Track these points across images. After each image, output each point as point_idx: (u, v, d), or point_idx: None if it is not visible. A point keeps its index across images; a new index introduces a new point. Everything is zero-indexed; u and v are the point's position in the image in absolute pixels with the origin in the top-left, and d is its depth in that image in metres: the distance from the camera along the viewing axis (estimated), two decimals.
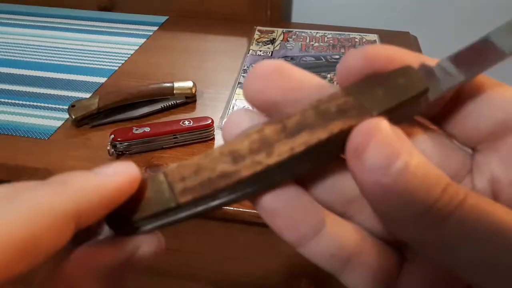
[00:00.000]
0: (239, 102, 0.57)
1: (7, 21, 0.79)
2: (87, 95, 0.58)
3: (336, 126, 0.14)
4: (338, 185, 0.16)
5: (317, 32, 0.78)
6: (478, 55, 0.14)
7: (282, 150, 0.14)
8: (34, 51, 0.69)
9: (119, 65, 0.66)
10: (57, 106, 0.56)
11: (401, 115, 0.14)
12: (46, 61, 0.67)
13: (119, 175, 0.14)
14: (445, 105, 0.15)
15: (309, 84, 0.15)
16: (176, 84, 0.55)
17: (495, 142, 0.14)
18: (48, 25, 0.79)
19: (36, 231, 0.12)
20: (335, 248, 0.15)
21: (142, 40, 0.74)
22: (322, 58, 0.69)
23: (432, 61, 0.15)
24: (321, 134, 0.14)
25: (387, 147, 0.12)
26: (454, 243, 0.12)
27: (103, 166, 0.15)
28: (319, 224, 0.15)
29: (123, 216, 0.15)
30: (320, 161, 0.15)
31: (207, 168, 0.14)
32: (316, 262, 0.15)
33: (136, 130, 0.47)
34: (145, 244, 0.16)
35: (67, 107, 0.52)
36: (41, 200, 0.12)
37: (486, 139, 0.15)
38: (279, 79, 0.15)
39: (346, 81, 0.14)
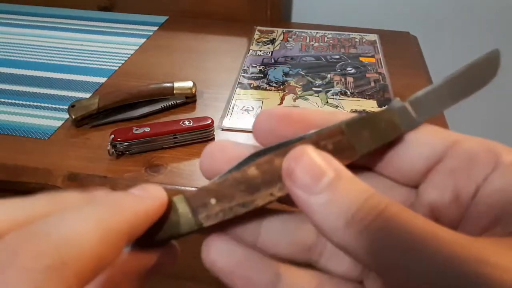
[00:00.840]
0: (239, 102, 0.57)
1: (7, 21, 0.79)
2: (87, 95, 0.58)
3: None
4: (297, 237, 0.18)
5: (317, 32, 0.78)
6: (436, 99, 0.17)
7: None
8: (34, 51, 0.69)
9: (119, 65, 0.66)
10: (57, 106, 0.56)
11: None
12: (46, 61, 0.67)
13: (155, 200, 0.16)
14: (375, 152, 0.17)
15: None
16: (176, 84, 0.55)
17: (429, 173, 0.17)
18: (48, 25, 0.79)
19: (105, 249, 0.13)
20: None
21: (142, 40, 0.74)
22: (322, 58, 0.69)
23: (345, 115, 0.17)
24: None
25: (312, 168, 0.14)
26: (376, 248, 0.13)
27: (138, 187, 0.17)
28: (275, 279, 0.17)
29: (148, 233, 0.16)
30: None
31: (226, 196, 0.16)
32: None
33: (136, 130, 0.47)
34: (167, 253, 0.18)
35: (67, 107, 0.52)
36: (109, 221, 0.14)
37: (423, 175, 0.17)
38: (220, 155, 0.18)
39: (261, 139, 0.18)
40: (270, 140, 0.17)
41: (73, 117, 0.50)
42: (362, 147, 0.17)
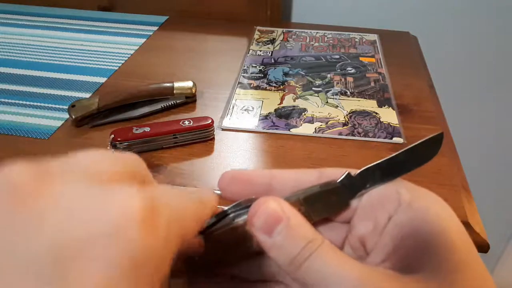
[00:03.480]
0: (239, 102, 0.57)
1: (7, 21, 0.79)
2: (87, 95, 0.58)
3: None
4: (271, 267, 0.22)
5: (317, 32, 0.78)
6: (381, 172, 0.21)
7: None
8: (34, 51, 0.69)
9: (119, 65, 0.66)
10: (57, 106, 0.56)
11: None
12: (46, 61, 0.67)
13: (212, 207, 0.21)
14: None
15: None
16: (176, 84, 0.55)
17: (357, 209, 0.21)
18: (48, 25, 0.79)
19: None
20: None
21: (142, 40, 0.74)
22: (322, 58, 0.69)
23: (283, 173, 0.22)
24: None
25: (270, 217, 0.18)
26: (308, 281, 0.18)
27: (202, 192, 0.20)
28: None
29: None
30: None
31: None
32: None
33: (136, 130, 0.47)
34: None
35: (67, 107, 0.52)
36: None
37: (353, 212, 0.21)
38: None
39: (225, 193, 0.22)
40: (228, 195, 0.22)
41: (73, 117, 0.50)
42: (316, 216, 0.20)
